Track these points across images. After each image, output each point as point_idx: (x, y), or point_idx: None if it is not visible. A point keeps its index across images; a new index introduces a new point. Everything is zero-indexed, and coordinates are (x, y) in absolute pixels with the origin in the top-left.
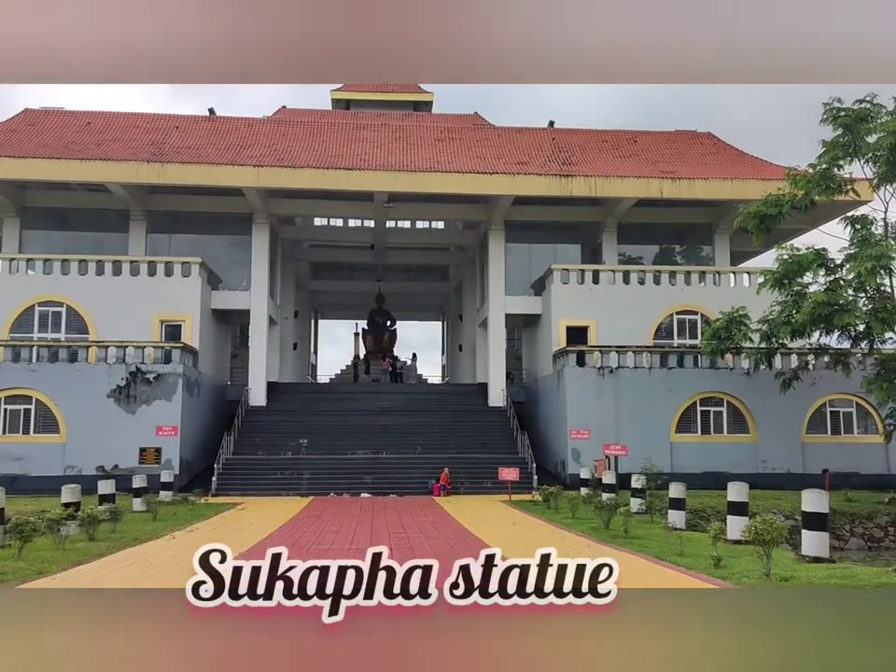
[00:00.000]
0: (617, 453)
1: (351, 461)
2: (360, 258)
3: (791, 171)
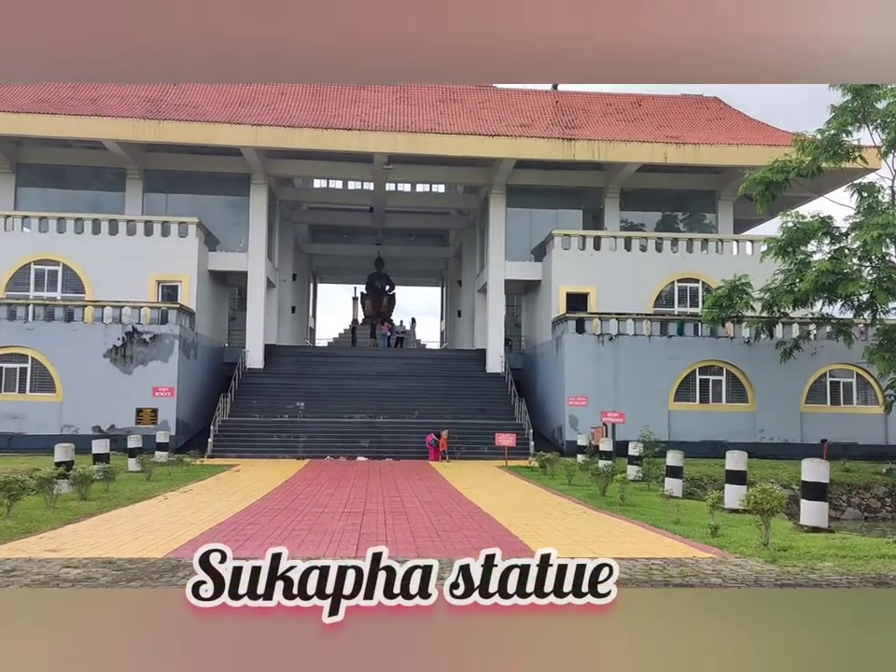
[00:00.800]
0: (615, 420)
1: (348, 425)
2: (359, 221)
3: (798, 136)
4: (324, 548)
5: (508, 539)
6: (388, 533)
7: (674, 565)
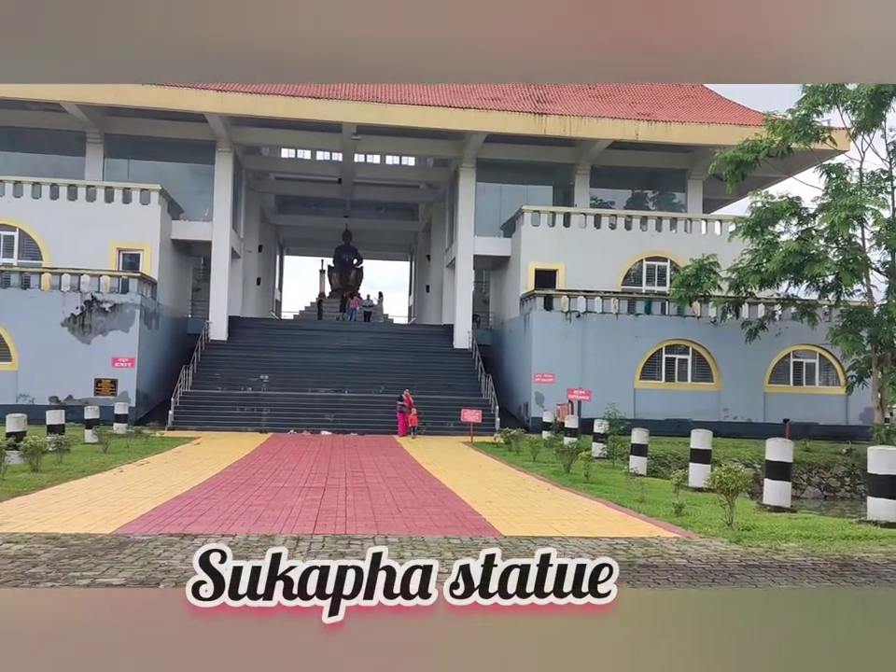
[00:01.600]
0: (580, 397)
1: (312, 398)
2: (327, 192)
3: (769, 116)
4: (281, 524)
5: (471, 516)
6: (349, 510)
7: (638, 544)
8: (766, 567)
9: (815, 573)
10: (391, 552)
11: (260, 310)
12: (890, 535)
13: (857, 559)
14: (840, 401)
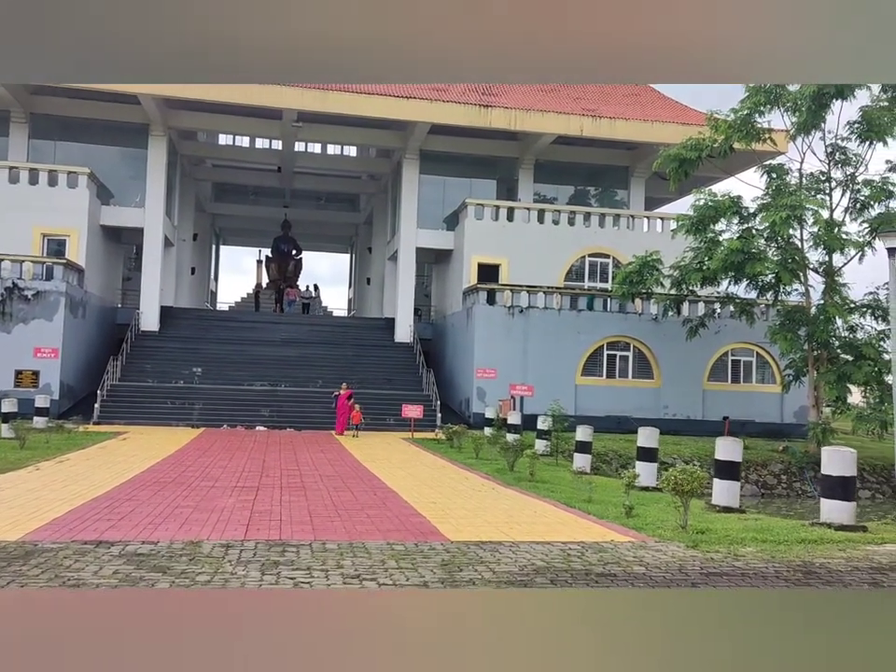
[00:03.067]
0: (523, 393)
1: (247, 392)
2: (266, 181)
3: (712, 115)
4: (209, 529)
5: (414, 519)
6: (283, 512)
7: (592, 550)
8: (728, 574)
9: (779, 581)
10: (330, 560)
11: (195, 300)
12: (847, 538)
13: (819, 565)
14: (776, 399)
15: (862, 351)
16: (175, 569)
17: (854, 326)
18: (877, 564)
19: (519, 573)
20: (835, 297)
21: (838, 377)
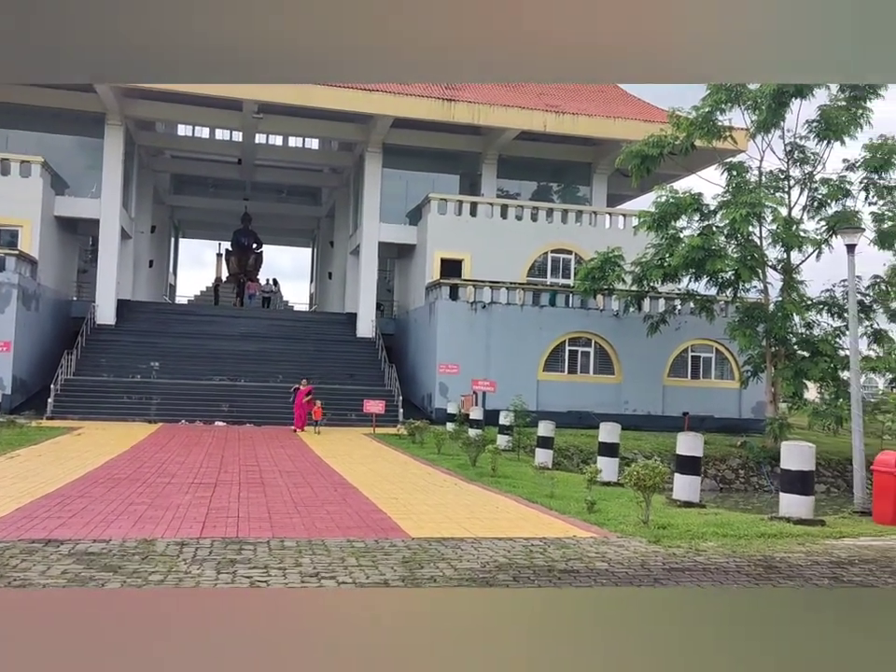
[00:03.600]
0: (485, 388)
1: (206, 387)
2: (227, 173)
3: (674, 112)
4: (164, 527)
5: (375, 515)
6: (241, 508)
7: (555, 545)
8: (690, 570)
9: (740, 576)
10: (289, 558)
11: (153, 294)
12: (806, 532)
13: (779, 560)
14: (734, 395)
15: (819, 347)
16: (127, 569)
17: (811, 323)
18: (837, 558)
19: (481, 570)
20: (793, 294)
21: (795, 373)
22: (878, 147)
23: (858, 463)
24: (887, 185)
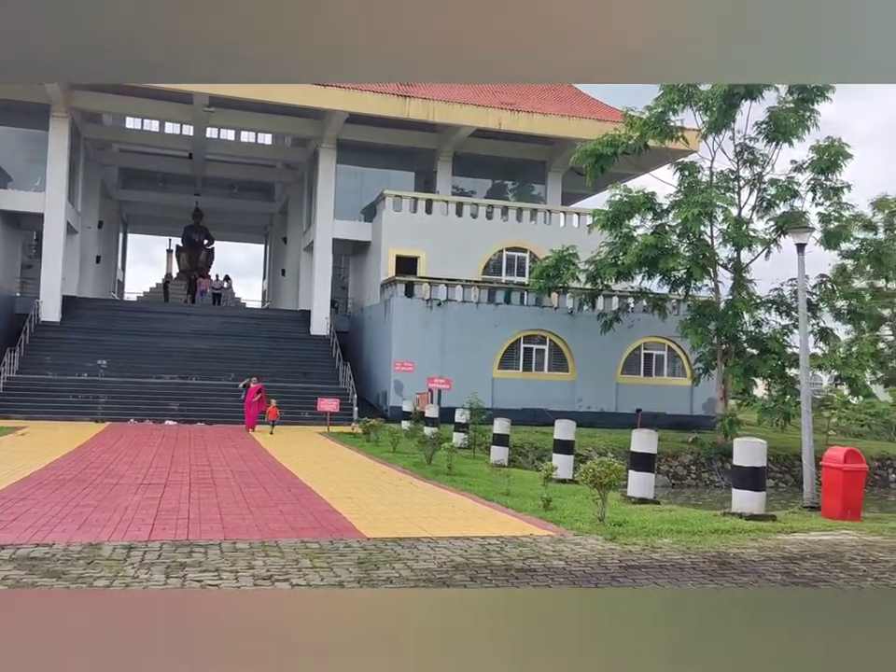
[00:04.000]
0: (441, 386)
1: (156, 386)
2: (177, 168)
3: (627, 112)
4: (111, 530)
5: (330, 515)
6: (192, 509)
7: (512, 544)
8: (646, 567)
9: (696, 573)
10: (241, 560)
11: (100, 290)
12: (758, 528)
13: (733, 556)
14: (686, 392)
15: (768, 345)
16: (72, 574)
17: (760, 321)
18: (789, 553)
19: (438, 570)
20: (743, 292)
21: (745, 370)
22: (825, 149)
23: (807, 459)
24: (833, 186)
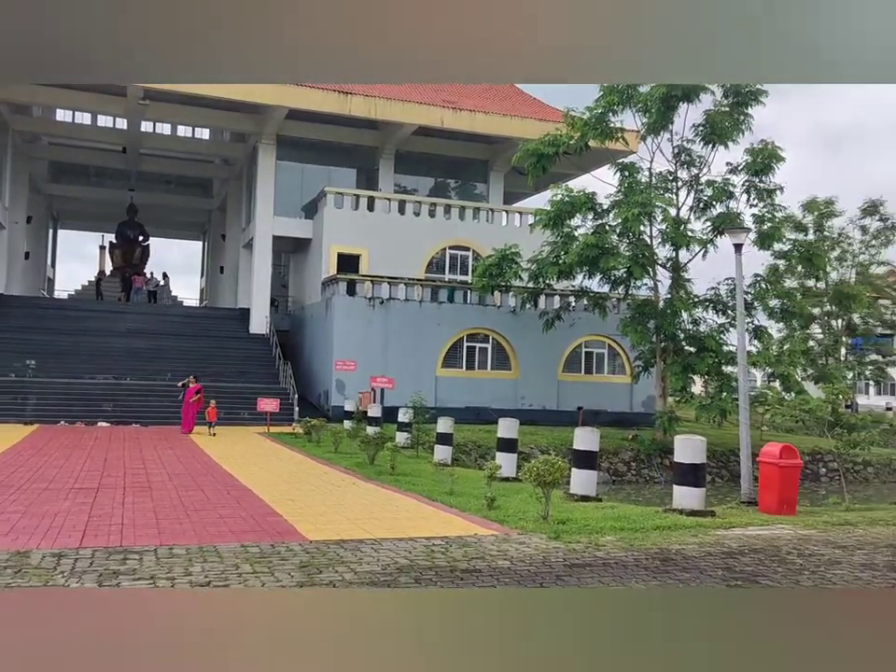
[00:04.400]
0: (384, 385)
1: (88, 386)
2: (110, 162)
3: (568, 112)
4: (39, 537)
5: (271, 518)
6: (126, 515)
7: (457, 544)
8: (591, 565)
9: (639, 570)
10: (178, 567)
11: (29, 288)
12: (698, 524)
13: (675, 552)
14: (626, 389)
15: (705, 343)
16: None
17: (697, 319)
18: (728, 548)
19: (382, 573)
20: (681, 291)
21: (683, 368)
22: (759, 152)
23: (745, 455)
24: (766, 188)
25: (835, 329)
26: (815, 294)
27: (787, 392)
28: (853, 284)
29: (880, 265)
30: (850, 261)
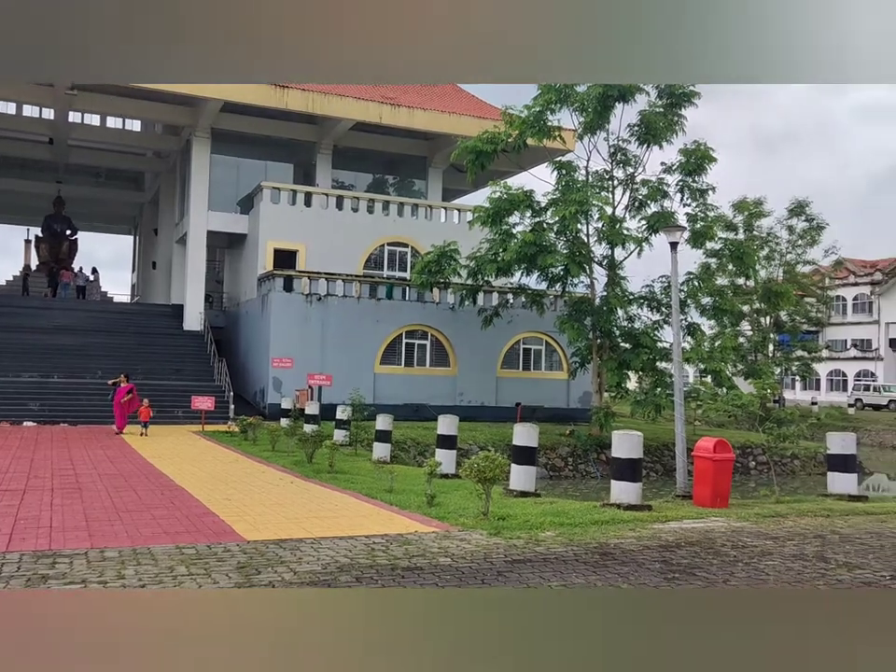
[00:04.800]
0: (321, 383)
1: (13, 385)
2: (36, 153)
3: (507, 110)
4: None
5: (206, 518)
6: (55, 516)
7: (397, 542)
8: (531, 561)
9: (579, 565)
10: (110, 570)
11: None
12: (635, 518)
13: (613, 546)
14: (563, 385)
15: (640, 340)
16: None
17: (632, 316)
18: (665, 542)
19: (322, 572)
20: (617, 289)
21: (618, 364)
22: (692, 153)
23: (680, 449)
24: (699, 188)
25: (764, 326)
26: (745, 292)
27: (719, 387)
28: (781, 282)
29: (806, 264)
30: (778, 260)
